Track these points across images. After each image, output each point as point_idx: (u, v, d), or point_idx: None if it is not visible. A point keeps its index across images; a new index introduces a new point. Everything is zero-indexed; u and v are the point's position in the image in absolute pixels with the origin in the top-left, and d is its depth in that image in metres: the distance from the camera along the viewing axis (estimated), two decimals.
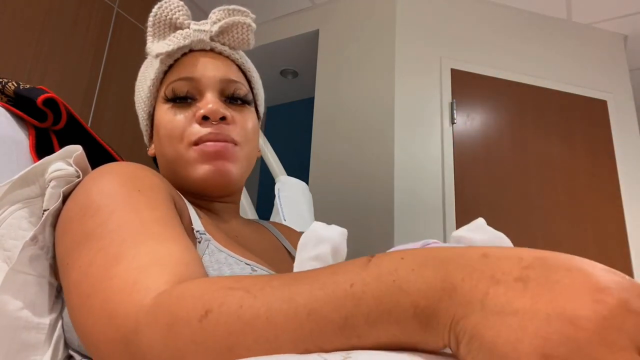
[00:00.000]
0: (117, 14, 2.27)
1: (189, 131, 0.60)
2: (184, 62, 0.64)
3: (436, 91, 2.21)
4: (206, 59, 0.64)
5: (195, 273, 0.38)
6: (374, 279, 0.28)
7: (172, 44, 0.62)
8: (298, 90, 3.20)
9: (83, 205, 0.46)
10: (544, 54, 2.40)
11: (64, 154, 0.56)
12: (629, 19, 2.42)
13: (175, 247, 0.40)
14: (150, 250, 0.38)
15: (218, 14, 0.65)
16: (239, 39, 0.66)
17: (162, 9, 0.63)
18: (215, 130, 0.60)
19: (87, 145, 0.80)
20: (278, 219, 1.16)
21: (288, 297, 0.29)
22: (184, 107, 0.62)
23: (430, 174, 2.08)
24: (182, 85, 0.62)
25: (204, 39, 0.63)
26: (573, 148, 2.27)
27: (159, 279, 0.35)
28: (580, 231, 2.15)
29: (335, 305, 0.28)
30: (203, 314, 0.30)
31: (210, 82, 0.62)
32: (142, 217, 0.43)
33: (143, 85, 0.67)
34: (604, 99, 2.38)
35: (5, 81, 0.76)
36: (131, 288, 0.35)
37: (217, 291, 0.32)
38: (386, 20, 2.31)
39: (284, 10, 2.67)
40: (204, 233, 0.54)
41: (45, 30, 1.95)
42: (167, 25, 0.63)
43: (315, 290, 0.29)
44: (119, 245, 0.39)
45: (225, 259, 0.52)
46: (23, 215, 0.56)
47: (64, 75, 2.02)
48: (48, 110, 0.74)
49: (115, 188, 0.46)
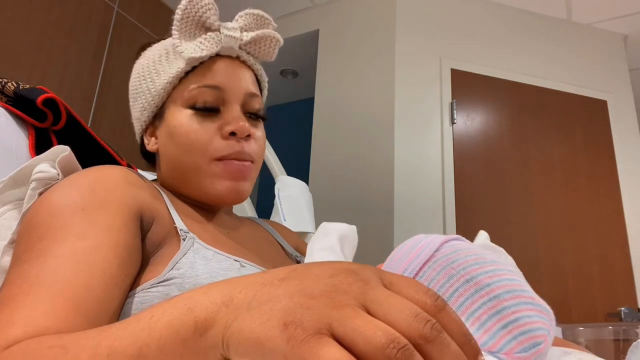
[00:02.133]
0: (117, 14, 2.27)
1: (213, 146, 0.60)
2: (209, 66, 0.62)
3: (436, 91, 2.21)
4: (233, 68, 0.63)
5: (57, 325, 0.38)
6: (170, 306, 0.31)
7: (205, 49, 0.60)
8: (298, 90, 3.20)
9: (29, 221, 0.48)
10: (544, 54, 2.40)
11: (52, 155, 0.56)
12: (629, 19, 2.42)
13: (58, 300, 0.40)
14: (26, 306, 0.39)
15: (246, 19, 0.64)
16: (265, 52, 0.66)
17: (192, 3, 0.61)
18: (240, 149, 0.60)
19: (87, 145, 0.80)
20: (278, 219, 1.16)
21: (96, 343, 0.31)
22: (207, 118, 0.61)
23: (430, 174, 2.08)
24: (208, 94, 0.61)
25: (233, 46, 0.63)
26: (573, 148, 2.27)
27: (3, 340, 0.36)
28: (580, 231, 2.15)
29: (133, 338, 0.30)
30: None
31: (236, 94, 0.62)
32: (62, 249, 0.43)
33: (155, 78, 0.64)
34: (604, 99, 2.38)
35: (5, 81, 0.75)
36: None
37: (35, 352, 0.33)
38: (386, 21, 2.31)
39: (284, 10, 2.67)
40: (188, 232, 0.54)
41: (45, 31, 1.95)
42: (196, 24, 0.62)
43: (120, 329, 0.32)
44: (17, 287, 0.41)
45: (213, 255, 0.53)
46: (13, 216, 0.57)
47: (64, 75, 2.02)
48: (48, 110, 0.74)
49: (60, 207, 0.47)
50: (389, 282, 0.28)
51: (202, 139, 0.60)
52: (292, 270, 0.30)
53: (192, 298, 0.31)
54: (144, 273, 0.49)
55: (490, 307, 0.37)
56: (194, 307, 0.30)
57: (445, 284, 0.40)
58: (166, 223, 0.54)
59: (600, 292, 2.04)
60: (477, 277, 0.39)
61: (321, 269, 0.29)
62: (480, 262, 0.41)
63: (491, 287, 0.38)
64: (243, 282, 0.30)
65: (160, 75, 0.63)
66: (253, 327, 0.26)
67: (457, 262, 0.41)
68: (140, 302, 0.46)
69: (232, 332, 0.27)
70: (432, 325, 0.25)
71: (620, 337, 0.99)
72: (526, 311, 0.37)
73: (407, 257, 0.44)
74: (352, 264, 0.30)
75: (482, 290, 0.38)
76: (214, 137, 0.60)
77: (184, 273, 0.48)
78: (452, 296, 0.39)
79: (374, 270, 0.29)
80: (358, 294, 0.26)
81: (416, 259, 0.43)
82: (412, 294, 0.27)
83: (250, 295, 0.28)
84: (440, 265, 0.41)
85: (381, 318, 0.25)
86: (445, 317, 0.27)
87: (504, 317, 0.37)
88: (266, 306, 0.26)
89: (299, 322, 0.25)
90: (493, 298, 0.38)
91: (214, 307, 0.29)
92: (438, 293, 0.38)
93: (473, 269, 0.40)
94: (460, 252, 0.42)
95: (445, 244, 0.44)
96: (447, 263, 0.41)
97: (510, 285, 0.39)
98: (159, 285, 0.47)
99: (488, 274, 0.39)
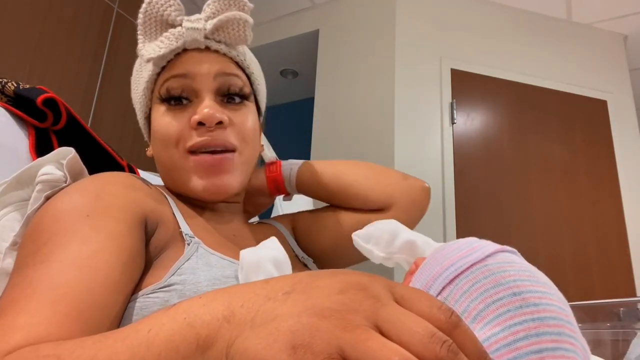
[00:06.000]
0: (117, 14, 2.27)
1: (184, 138, 0.58)
2: (177, 61, 0.60)
3: (436, 91, 2.21)
4: (201, 57, 0.60)
5: (58, 332, 0.38)
6: (169, 319, 0.30)
7: (164, 46, 0.58)
8: (298, 90, 3.20)
9: (35, 226, 0.48)
10: (544, 54, 2.40)
11: (57, 156, 0.55)
12: (629, 19, 2.42)
13: (60, 305, 0.40)
14: (28, 312, 0.39)
15: (212, 7, 0.60)
16: (235, 36, 0.61)
17: (151, 4, 0.58)
18: (209, 139, 0.57)
19: (87, 145, 0.80)
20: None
21: (91, 355, 0.30)
22: (179, 110, 0.59)
23: (430, 174, 2.08)
24: (176, 83, 0.59)
25: (197, 38, 0.59)
26: (573, 148, 2.27)
27: (4, 345, 0.36)
28: (581, 231, 2.15)
29: (131, 353, 0.29)
30: None
31: (205, 79, 0.59)
32: (66, 254, 0.43)
33: (137, 87, 0.65)
34: (604, 99, 2.38)
35: (5, 81, 0.75)
36: None
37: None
38: (386, 21, 2.31)
39: (284, 10, 2.67)
40: (193, 236, 0.54)
41: (45, 30, 1.95)
42: (157, 23, 0.59)
43: (117, 342, 0.30)
44: (20, 292, 0.41)
45: (217, 261, 0.52)
46: (16, 218, 0.56)
47: (64, 75, 2.02)
48: (48, 110, 0.74)
49: (65, 212, 0.47)
50: (400, 297, 0.27)
51: (173, 132, 0.58)
52: (297, 281, 0.28)
53: (191, 311, 0.30)
54: (146, 277, 0.49)
55: (530, 327, 0.35)
56: (194, 322, 0.29)
57: (489, 290, 0.37)
58: (170, 227, 0.54)
59: (600, 292, 2.04)
60: (526, 293, 0.37)
61: (329, 282, 0.27)
62: (533, 280, 0.39)
63: (538, 308, 0.36)
64: (244, 293, 0.29)
65: (139, 83, 0.64)
66: (259, 348, 0.25)
67: (508, 272, 0.39)
68: (140, 308, 0.46)
69: (236, 350, 0.26)
70: (448, 347, 0.24)
71: (620, 338, 0.99)
72: (566, 343, 0.35)
73: (456, 254, 0.41)
74: (361, 276, 0.28)
75: (527, 308, 0.36)
76: (184, 128, 0.58)
77: (185, 279, 0.48)
78: (493, 304, 0.37)
79: (383, 283, 0.28)
80: (370, 313, 0.25)
81: (466, 257, 0.41)
82: (425, 310, 0.26)
83: (253, 310, 0.27)
84: (489, 271, 0.39)
85: (395, 339, 0.24)
86: (460, 335, 0.26)
87: (542, 341, 0.35)
88: (272, 325, 0.25)
89: (308, 346, 0.23)
90: (536, 319, 0.35)
91: (216, 323, 0.28)
92: (480, 297, 0.37)
93: (524, 284, 0.38)
94: (514, 265, 0.40)
95: (500, 253, 0.41)
96: (498, 270, 0.39)
97: (557, 312, 0.37)
98: (159, 291, 0.47)
99: (537, 294, 0.37)
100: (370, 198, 0.72)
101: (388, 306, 0.26)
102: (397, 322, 0.25)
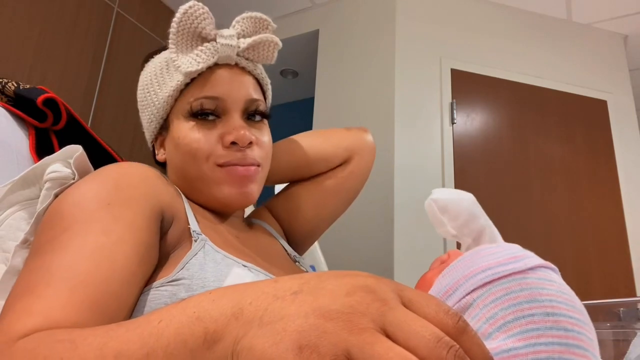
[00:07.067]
0: (117, 14, 2.27)
1: (216, 154, 0.60)
2: (208, 77, 0.62)
3: (436, 91, 2.21)
4: (231, 76, 0.63)
5: (74, 319, 0.38)
6: (179, 312, 0.30)
7: (202, 61, 0.60)
8: (298, 90, 3.20)
9: (54, 211, 0.48)
10: (544, 54, 2.40)
11: (64, 155, 0.56)
12: (629, 19, 2.42)
13: (78, 293, 0.40)
14: (46, 297, 0.39)
15: (243, 24, 0.64)
16: (264, 56, 0.66)
17: (187, 15, 0.60)
18: (242, 157, 0.61)
19: (87, 145, 0.80)
20: None
21: (103, 343, 0.31)
22: (208, 126, 0.61)
23: (430, 174, 2.08)
24: (208, 104, 0.61)
25: (231, 55, 0.62)
26: (573, 148, 2.27)
27: (21, 328, 0.36)
28: (581, 231, 2.15)
29: (141, 343, 0.30)
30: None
31: (236, 102, 0.63)
32: (86, 242, 0.44)
33: (157, 91, 0.65)
34: (604, 99, 2.38)
35: (5, 81, 0.76)
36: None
37: (46, 344, 0.33)
38: (386, 21, 2.31)
39: (284, 10, 2.67)
40: (200, 234, 0.55)
41: (45, 30, 1.95)
42: (191, 35, 0.61)
43: (129, 332, 0.31)
44: (38, 277, 0.41)
45: (222, 259, 0.53)
46: (23, 217, 0.57)
47: (64, 75, 2.02)
48: (48, 110, 0.74)
49: (86, 200, 0.48)
50: (408, 300, 0.27)
51: (204, 148, 0.60)
52: (305, 282, 0.29)
53: (201, 306, 0.30)
54: (158, 271, 0.50)
55: (555, 351, 0.35)
56: (202, 317, 0.29)
57: (523, 303, 0.37)
58: (182, 223, 0.55)
59: (600, 292, 2.04)
60: (560, 316, 0.36)
61: (337, 283, 0.28)
62: (570, 305, 0.38)
63: (568, 334, 0.36)
64: (253, 291, 0.29)
65: (162, 88, 0.64)
66: (265, 346, 0.25)
67: (547, 290, 0.38)
68: (150, 300, 0.47)
69: (243, 347, 0.26)
70: (455, 353, 0.24)
71: (620, 338, 0.99)
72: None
73: (495, 259, 0.41)
74: (369, 278, 0.28)
75: (558, 331, 0.35)
76: (215, 146, 0.61)
77: (192, 274, 0.49)
78: (523, 318, 0.36)
79: (391, 286, 0.28)
80: (377, 316, 0.25)
81: (505, 264, 0.39)
82: (432, 314, 0.26)
83: (262, 308, 0.27)
84: (527, 284, 0.38)
85: (401, 343, 0.24)
86: (467, 341, 0.26)
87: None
88: (279, 325, 0.26)
89: (314, 347, 0.24)
90: (563, 344, 0.35)
91: (224, 319, 0.28)
92: (511, 308, 0.36)
93: (559, 307, 0.37)
94: (554, 284, 0.39)
95: (541, 268, 0.40)
96: (536, 286, 0.38)
97: (586, 343, 0.36)
98: (168, 285, 0.48)
99: (572, 320, 0.37)
100: (332, 158, 0.79)
101: (395, 309, 0.26)
102: (404, 326, 0.25)
